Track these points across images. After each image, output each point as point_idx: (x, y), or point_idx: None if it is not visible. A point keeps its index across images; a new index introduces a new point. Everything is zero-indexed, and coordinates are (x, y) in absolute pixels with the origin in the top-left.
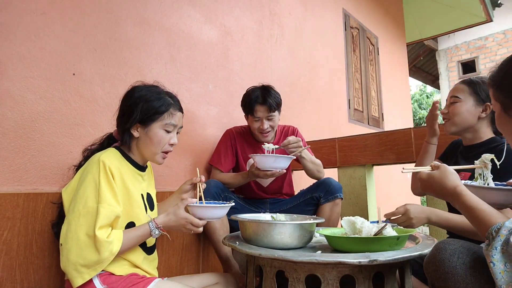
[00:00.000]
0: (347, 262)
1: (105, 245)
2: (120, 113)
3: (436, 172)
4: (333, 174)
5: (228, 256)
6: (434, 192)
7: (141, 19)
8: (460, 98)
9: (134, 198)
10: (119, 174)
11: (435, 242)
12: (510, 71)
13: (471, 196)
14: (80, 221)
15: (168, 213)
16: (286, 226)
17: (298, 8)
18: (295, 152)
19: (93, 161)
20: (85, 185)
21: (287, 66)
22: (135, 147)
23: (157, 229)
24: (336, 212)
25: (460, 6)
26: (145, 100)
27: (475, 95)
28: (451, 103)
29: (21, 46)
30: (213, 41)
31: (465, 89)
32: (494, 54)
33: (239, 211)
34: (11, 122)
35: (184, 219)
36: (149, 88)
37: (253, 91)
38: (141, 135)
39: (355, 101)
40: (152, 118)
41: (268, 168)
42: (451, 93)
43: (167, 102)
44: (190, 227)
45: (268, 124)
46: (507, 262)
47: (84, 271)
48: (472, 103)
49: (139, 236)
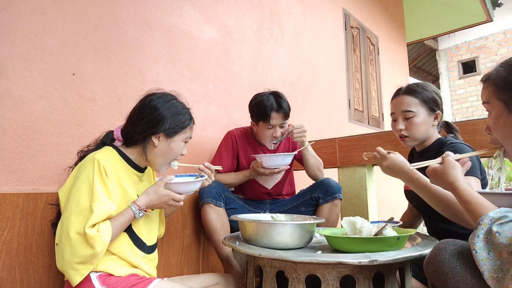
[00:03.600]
0: (347, 262)
1: (97, 239)
2: (144, 119)
3: (439, 166)
4: (333, 174)
5: (228, 256)
6: (438, 184)
7: (141, 19)
8: (414, 111)
9: (129, 197)
10: (114, 173)
11: (435, 243)
12: None
13: (467, 190)
14: (71, 220)
15: (149, 193)
16: (286, 226)
17: (298, 8)
18: (300, 137)
19: (88, 159)
20: (79, 184)
21: (287, 66)
22: (149, 152)
23: (140, 211)
24: (335, 213)
25: (460, 6)
26: (174, 113)
27: (426, 105)
28: (406, 118)
29: (21, 46)
30: (213, 41)
31: (414, 101)
32: (494, 54)
33: (239, 211)
34: (11, 122)
35: (165, 195)
36: (174, 101)
37: (266, 98)
38: (162, 144)
39: (355, 101)
40: (177, 131)
41: (275, 166)
42: (399, 107)
43: (189, 116)
44: (172, 202)
45: (280, 132)
46: (490, 251)
47: (80, 267)
48: (425, 114)
49: (124, 222)
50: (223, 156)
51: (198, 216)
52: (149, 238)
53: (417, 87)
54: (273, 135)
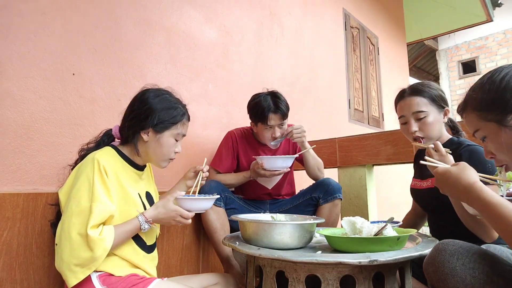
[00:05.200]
0: (347, 262)
1: (98, 243)
2: (133, 113)
3: (454, 167)
4: (333, 174)
5: (228, 256)
6: (449, 188)
7: (141, 19)
8: (425, 110)
9: (130, 196)
10: (114, 173)
11: (435, 243)
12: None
13: (491, 191)
14: (72, 220)
15: (157, 206)
16: (286, 226)
17: (298, 8)
18: (299, 138)
19: (88, 160)
20: (79, 184)
21: (287, 66)
22: (140, 149)
23: (146, 223)
24: (335, 213)
25: (460, 6)
26: (164, 107)
27: (435, 103)
28: (418, 119)
29: (21, 46)
30: (213, 41)
31: (423, 101)
32: (494, 54)
33: (239, 211)
34: (11, 122)
35: (173, 211)
36: (166, 95)
37: (264, 99)
38: (151, 140)
39: (355, 101)
40: (166, 126)
41: (276, 169)
42: (408, 109)
43: (182, 112)
44: (180, 219)
45: (279, 132)
46: None
47: (78, 270)
48: (436, 112)
49: (129, 231)
50: (223, 156)
51: (198, 216)
52: (149, 237)
53: (423, 86)
54: (272, 136)
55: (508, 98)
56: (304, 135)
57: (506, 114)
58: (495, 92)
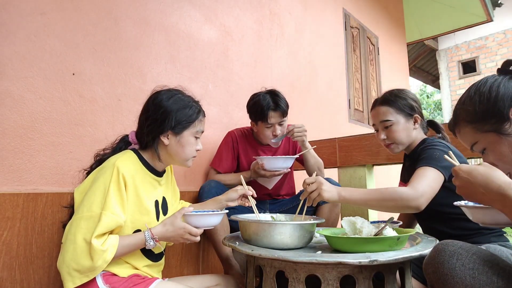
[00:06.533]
0: (347, 262)
1: (99, 253)
2: (149, 119)
3: (480, 166)
4: (334, 174)
5: (228, 256)
6: (474, 190)
7: (140, 19)
8: (391, 120)
9: (144, 206)
10: (133, 181)
11: (435, 243)
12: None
13: None
14: (80, 224)
15: (165, 223)
16: (286, 226)
17: (298, 8)
18: (300, 137)
19: (108, 164)
20: (94, 188)
21: (287, 66)
22: (161, 152)
23: (152, 239)
24: (335, 213)
25: (460, 6)
26: (179, 108)
27: (402, 111)
28: (385, 127)
29: (21, 46)
30: (213, 41)
31: (390, 110)
32: (494, 54)
33: (239, 211)
34: (11, 122)
35: (182, 228)
36: (179, 95)
37: (263, 97)
38: (172, 142)
39: (355, 101)
40: (185, 126)
41: (277, 169)
42: (377, 118)
43: (197, 109)
44: (188, 236)
45: (280, 130)
46: None
47: (76, 275)
48: (403, 120)
49: (133, 245)
50: (223, 157)
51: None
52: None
53: (391, 95)
54: (272, 134)
55: (502, 106)
56: (305, 134)
57: (502, 122)
58: (487, 102)
